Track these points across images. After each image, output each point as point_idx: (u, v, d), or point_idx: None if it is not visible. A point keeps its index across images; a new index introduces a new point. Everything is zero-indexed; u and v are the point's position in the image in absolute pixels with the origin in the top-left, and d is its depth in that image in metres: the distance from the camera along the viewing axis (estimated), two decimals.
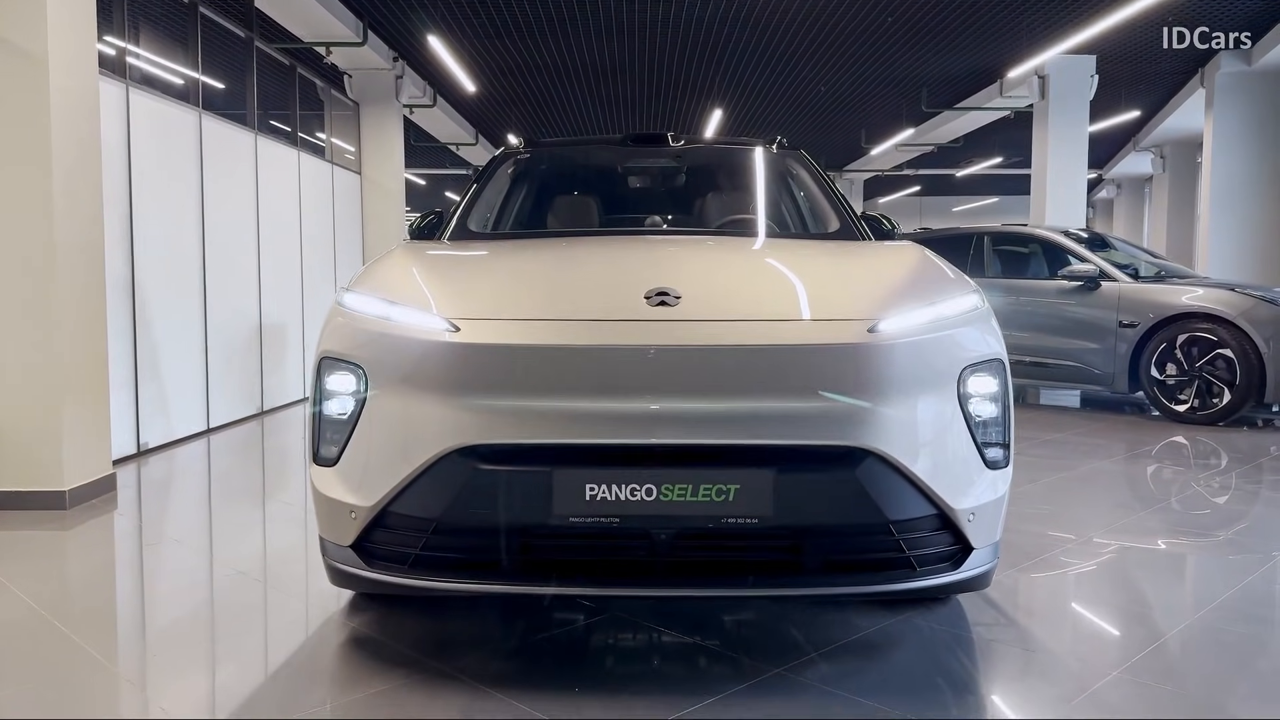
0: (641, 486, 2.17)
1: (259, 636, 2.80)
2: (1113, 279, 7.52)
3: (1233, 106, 10.89)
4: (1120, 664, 2.55)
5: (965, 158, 19.15)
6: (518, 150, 4.15)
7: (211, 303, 6.56)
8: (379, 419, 2.32)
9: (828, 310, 2.34)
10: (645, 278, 2.44)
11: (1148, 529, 4.05)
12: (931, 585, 2.30)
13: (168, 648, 2.73)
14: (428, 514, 2.24)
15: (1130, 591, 3.27)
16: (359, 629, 2.76)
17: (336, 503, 2.36)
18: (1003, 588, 3.16)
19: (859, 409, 2.21)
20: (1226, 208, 10.74)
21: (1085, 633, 2.90)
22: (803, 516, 2.20)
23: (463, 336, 2.23)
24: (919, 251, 2.90)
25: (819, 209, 3.85)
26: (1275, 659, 2.68)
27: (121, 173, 5.47)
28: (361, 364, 2.36)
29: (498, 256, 2.98)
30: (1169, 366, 7.15)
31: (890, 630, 2.76)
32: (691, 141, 4.13)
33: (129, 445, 5.50)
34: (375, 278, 2.64)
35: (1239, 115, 10.83)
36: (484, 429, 2.21)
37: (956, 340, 2.39)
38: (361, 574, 2.34)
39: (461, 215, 3.65)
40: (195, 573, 3.49)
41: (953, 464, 2.33)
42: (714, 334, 2.23)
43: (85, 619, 2.92)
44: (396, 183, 10.63)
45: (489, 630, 2.73)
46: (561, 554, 2.25)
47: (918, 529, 2.28)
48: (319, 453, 2.45)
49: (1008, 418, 2.47)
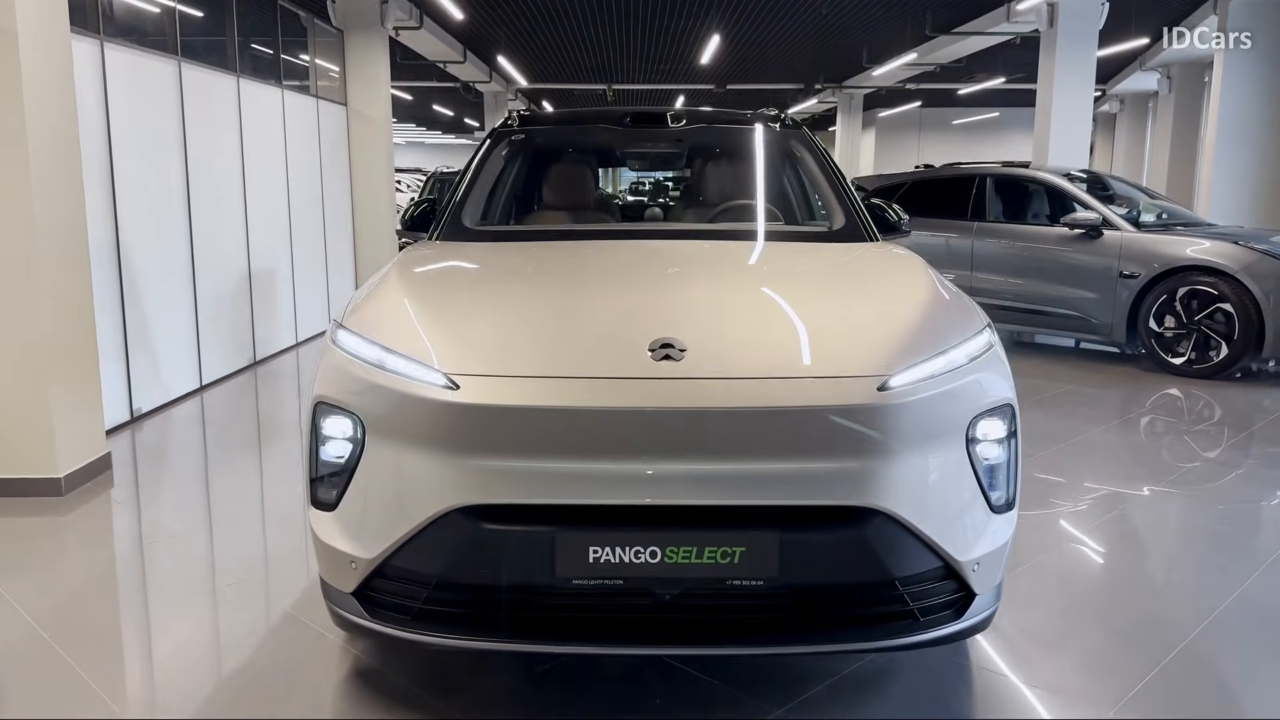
0: (645, 548, 2.14)
1: (257, 667, 2.80)
2: (1115, 227, 7.42)
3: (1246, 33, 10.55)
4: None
5: (968, 75, 18.69)
6: (512, 130, 4.00)
7: (199, 259, 6.43)
8: (377, 470, 2.28)
9: (836, 365, 2.26)
10: (649, 325, 2.36)
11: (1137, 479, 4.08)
12: (935, 637, 2.29)
13: (163, 668, 2.74)
14: (429, 570, 2.22)
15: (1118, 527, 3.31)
16: (361, 659, 2.76)
17: (336, 551, 2.33)
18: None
19: (867, 467, 2.17)
20: (1233, 145, 10.51)
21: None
22: (809, 576, 2.18)
23: (463, 396, 2.16)
24: (926, 276, 2.82)
25: (824, 198, 3.73)
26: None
27: (100, 137, 5.28)
28: (358, 412, 2.30)
29: (495, 285, 2.87)
30: (1168, 319, 7.11)
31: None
32: (692, 121, 3.98)
33: (122, 413, 5.45)
34: (369, 314, 2.55)
35: (1252, 44, 10.51)
36: (485, 488, 2.16)
37: (968, 389, 2.33)
38: (363, 623, 2.33)
39: (455, 208, 3.54)
40: (190, 581, 3.48)
41: (959, 515, 2.30)
42: (719, 394, 2.17)
43: (82, 629, 2.93)
44: (383, 113, 10.33)
45: (493, 663, 2.74)
46: (565, 612, 2.23)
47: (922, 581, 2.27)
48: (317, 496, 2.41)
49: (1015, 460, 2.44)
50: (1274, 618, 3.11)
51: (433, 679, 2.64)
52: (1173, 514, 4.19)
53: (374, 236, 10.28)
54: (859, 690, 2.63)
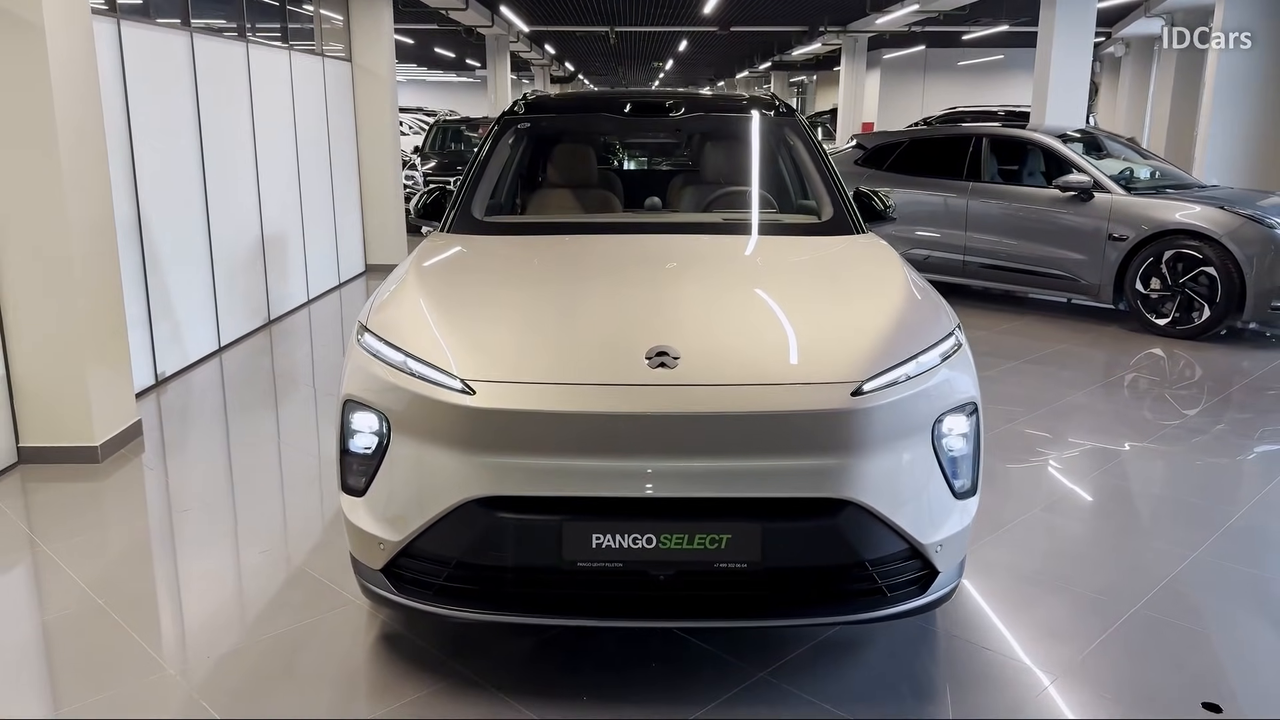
0: (643, 535, 2.42)
1: (289, 635, 3.10)
2: (1106, 190, 7.58)
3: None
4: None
5: (973, 20, 18.55)
6: (518, 116, 4.21)
7: (215, 225, 6.64)
8: (402, 462, 2.55)
9: (814, 370, 2.51)
10: (646, 332, 2.61)
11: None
12: (901, 610, 2.58)
13: (205, 631, 3.04)
14: (449, 553, 2.50)
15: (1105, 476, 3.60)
16: (388, 624, 3.07)
17: (366, 533, 2.61)
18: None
19: (841, 464, 2.44)
20: (1231, 98, 10.57)
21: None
22: (788, 560, 2.47)
23: (479, 401, 2.42)
24: (901, 277, 3.05)
25: (813, 188, 3.95)
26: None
27: (120, 117, 5.45)
28: (383, 410, 2.56)
29: (506, 290, 3.09)
30: (1153, 281, 7.32)
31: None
32: (690, 109, 4.18)
33: (147, 378, 5.72)
34: (391, 317, 2.80)
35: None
36: (499, 482, 2.44)
37: (935, 390, 2.59)
38: (391, 597, 2.62)
39: (465, 198, 3.76)
40: (221, 548, 3.78)
41: (924, 503, 2.57)
42: (709, 399, 2.42)
43: (130, 594, 3.24)
44: (387, 68, 10.40)
45: (506, 631, 3.03)
46: (570, 590, 2.52)
47: (890, 562, 2.55)
48: (347, 482, 2.68)
49: (978, 451, 2.70)
50: (1227, 580, 3.41)
51: (452, 644, 2.94)
52: (1152, 473, 4.48)
53: (380, 190, 10.43)
54: (837, 653, 2.92)
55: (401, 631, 3.03)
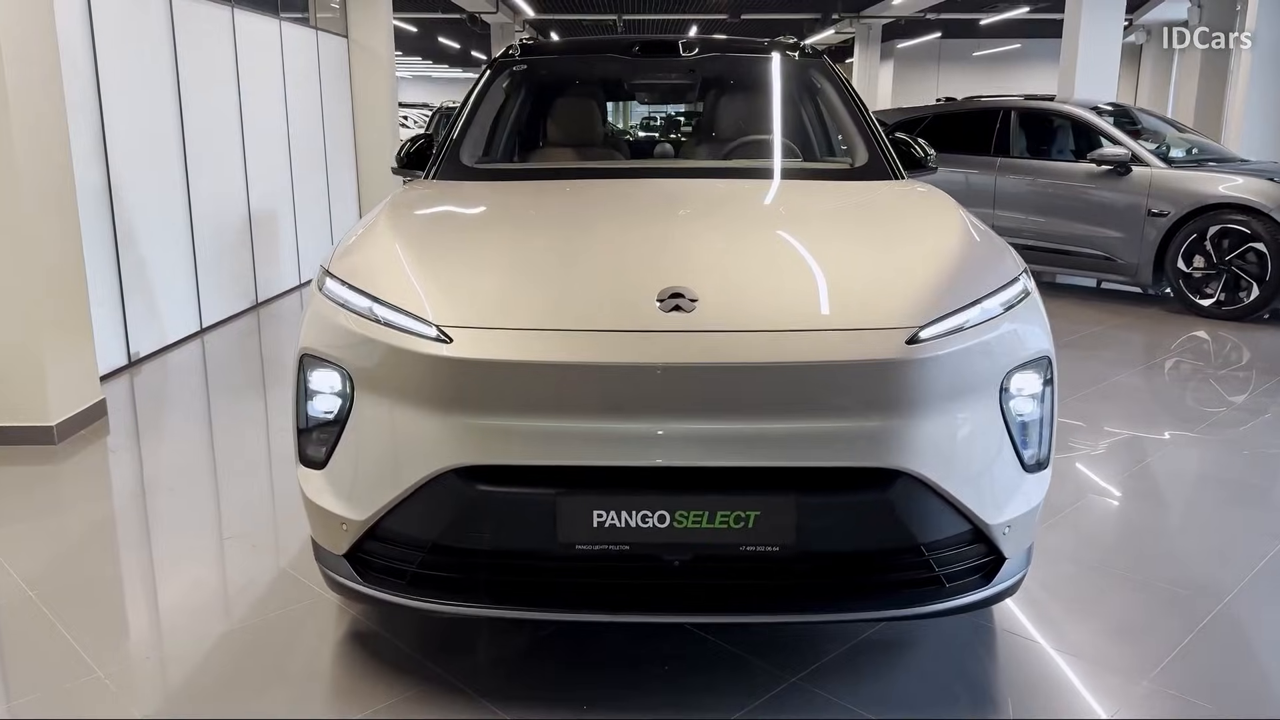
0: (653, 513, 2.00)
1: (252, 629, 2.70)
2: (1144, 163, 7.13)
3: None
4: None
5: (990, 4, 18.08)
6: (514, 60, 3.78)
7: (196, 197, 6.23)
8: (368, 427, 2.13)
9: (861, 315, 2.09)
10: (658, 273, 2.18)
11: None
12: (961, 604, 2.16)
13: (149, 631, 2.64)
14: (423, 534, 2.09)
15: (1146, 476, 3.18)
16: (359, 620, 2.65)
17: (327, 513, 2.20)
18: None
19: (893, 426, 2.01)
20: (1269, 74, 10.09)
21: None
22: (828, 542, 2.05)
23: (456, 349, 2.00)
24: (956, 216, 2.62)
25: (845, 132, 3.51)
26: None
27: (87, 72, 5.05)
28: (346, 366, 2.15)
29: (494, 229, 2.68)
30: (1197, 259, 6.87)
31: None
32: (704, 50, 3.74)
33: (119, 358, 5.32)
34: (358, 260, 2.38)
35: None
36: (481, 449, 2.02)
37: (1004, 341, 2.16)
38: (357, 588, 2.21)
39: (454, 145, 3.34)
40: (185, 535, 3.38)
41: (990, 475, 2.15)
42: (734, 348, 2.00)
43: (69, 587, 2.83)
44: (385, 45, 10.00)
45: (495, 626, 2.62)
46: (567, 578, 2.10)
47: (950, 546, 2.12)
48: (305, 452, 2.28)
49: (1051, 415, 2.28)
50: None
51: (432, 642, 2.53)
52: (1201, 462, 4.04)
53: (378, 172, 10.02)
54: (879, 654, 2.50)
55: (374, 628, 2.62)
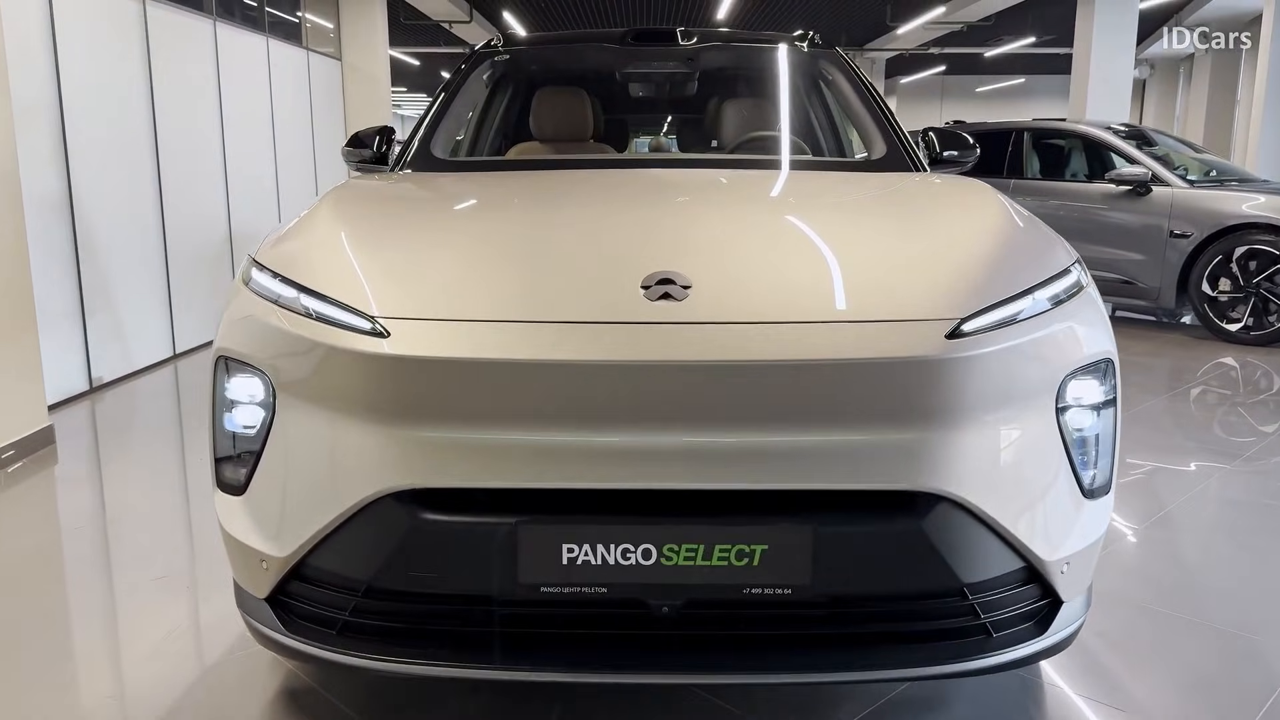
0: (637, 547, 1.62)
1: (156, 691, 2.31)
2: (1165, 183, 6.81)
3: None
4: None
5: (995, 36, 17.92)
6: (496, 50, 3.45)
7: (170, 216, 5.92)
8: (291, 444, 1.76)
9: (892, 305, 1.72)
10: (644, 257, 1.82)
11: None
12: (1013, 659, 1.77)
13: (25, 690, 2.26)
14: (357, 572, 1.71)
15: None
16: (295, 674, 2.26)
17: (246, 547, 1.82)
18: None
19: (929, 439, 1.64)
20: None
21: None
22: (851, 583, 1.66)
23: (393, 345, 1.64)
24: (996, 201, 2.27)
25: (862, 126, 3.17)
26: None
27: (47, 75, 4.75)
28: (267, 370, 1.79)
29: (453, 216, 2.33)
30: (1222, 281, 6.52)
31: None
32: (705, 39, 3.41)
33: (79, 382, 4.97)
34: (292, 246, 2.03)
35: None
36: (425, 468, 1.64)
37: (1058, 340, 1.79)
38: (279, 639, 1.82)
39: (424, 136, 2.99)
40: (109, 574, 3.00)
41: (1046, 501, 1.77)
42: (734, 343, 1.63)
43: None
44: (381, 68, 9.78)
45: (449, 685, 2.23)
46: (531, 628, 1.71)
47: (998, 587, 1.74)
48: (221, 475, 1.91)
49: (1115, 431, 1.90)
50: None
51: (377, 701, 2.14)
52: (1247, 490, 3.65)
53: None
54: (907, 714, 2.11)
55: (310, 684, 2.23)
